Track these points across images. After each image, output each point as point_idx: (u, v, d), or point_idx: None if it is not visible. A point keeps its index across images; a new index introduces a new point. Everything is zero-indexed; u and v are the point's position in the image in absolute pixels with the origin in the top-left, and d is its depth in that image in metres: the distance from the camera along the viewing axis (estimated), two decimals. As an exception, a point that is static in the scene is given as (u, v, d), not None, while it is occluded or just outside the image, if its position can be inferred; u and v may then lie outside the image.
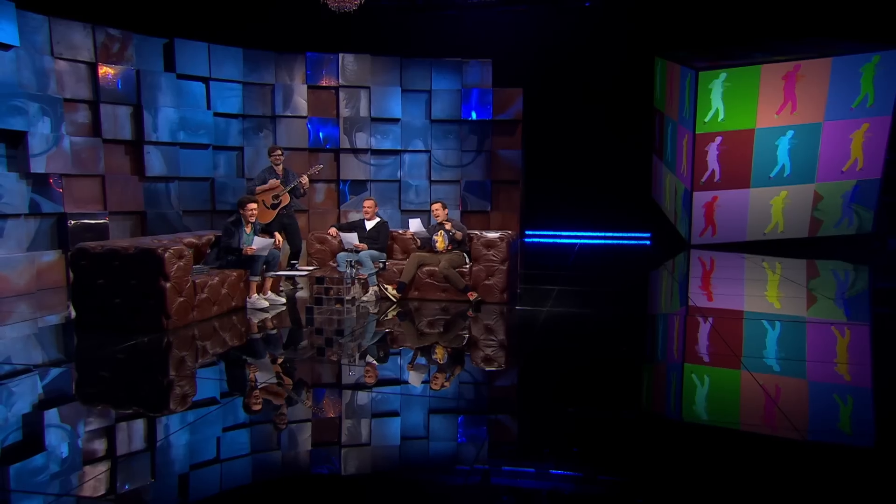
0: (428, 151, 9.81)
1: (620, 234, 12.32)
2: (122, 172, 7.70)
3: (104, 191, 7.42)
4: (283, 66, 9.08)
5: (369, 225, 6.47)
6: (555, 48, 10.79)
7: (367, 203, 6.56)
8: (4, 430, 2.97)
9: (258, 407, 3.39)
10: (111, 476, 2.58)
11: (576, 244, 11.61)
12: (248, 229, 5.70)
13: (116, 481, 2.55)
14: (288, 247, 6.78)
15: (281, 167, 6.83)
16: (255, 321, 5.38)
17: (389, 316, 5.58)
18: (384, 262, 6.26)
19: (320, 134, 9.29)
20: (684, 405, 3.56)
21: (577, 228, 12.30)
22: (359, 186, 9.59)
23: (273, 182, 6.67)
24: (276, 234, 6.05)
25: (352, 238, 6.13)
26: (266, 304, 5.72)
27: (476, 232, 6.37)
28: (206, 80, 8.41)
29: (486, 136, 9.91)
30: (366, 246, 6.21)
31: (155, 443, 2.90)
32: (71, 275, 5.11)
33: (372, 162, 9.59)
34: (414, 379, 4.01)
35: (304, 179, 6.81)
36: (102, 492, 2.43)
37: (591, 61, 10.94)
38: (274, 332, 5.24)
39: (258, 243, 5.52)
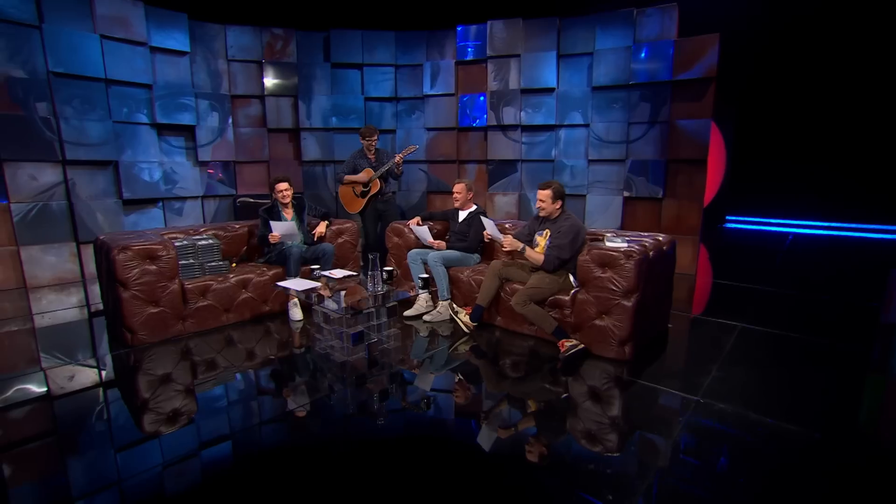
0: (587, 125, 7.71)
1: (851, 225, 8.67)
2: (286, 157, 7.89)
3: (269, 174, 7.71)
4: (434, 43, 8.09)
5: (461, 216, 4.85)
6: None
7: (458, 188, 4.85)
8: None
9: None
10: None
11: (789, 234, 8.06)
12: (287, 214, 4.61)
13: None
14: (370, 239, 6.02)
15: (373, 150, 5.97)
16: (271, 337, 4.00)
17: (437, 356, 3.68)
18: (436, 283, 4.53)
19: (468, 111, 8.07)
20: None
21: (793, 216, 8.65)
22: (508, 167, 8.12)
23: (366, 172, 5.90)
24: (322, 221, 4.96)
25: (424, 233, 4.76)
26: (300, 314, 4.40)
27: (601, 232, 4.04)
28: (359, 67, 7.99)
29: (664, 102, 7.31)
30: (443, 244, 4.74)
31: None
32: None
33: (523, 140, 7.99)
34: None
35: (398, 158, 5.84)
36: None
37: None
38: (268, 358, 3.62)
39: (280, 228, 4.43)
